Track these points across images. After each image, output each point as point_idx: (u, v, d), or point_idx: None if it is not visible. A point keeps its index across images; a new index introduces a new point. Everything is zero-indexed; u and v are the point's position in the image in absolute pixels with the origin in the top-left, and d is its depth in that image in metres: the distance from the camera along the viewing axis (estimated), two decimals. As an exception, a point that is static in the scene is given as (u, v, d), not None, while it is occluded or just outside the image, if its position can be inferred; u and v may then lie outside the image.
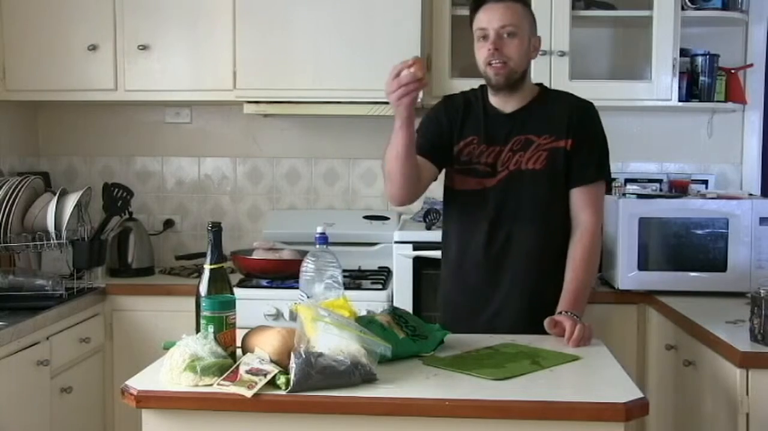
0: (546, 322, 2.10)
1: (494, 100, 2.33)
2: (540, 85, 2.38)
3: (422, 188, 2.31)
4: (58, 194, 3.01)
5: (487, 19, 2.23)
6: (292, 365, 1.64)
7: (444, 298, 2.42)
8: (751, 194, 3.17)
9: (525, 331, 2.15)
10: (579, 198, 2.27)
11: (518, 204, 2.26)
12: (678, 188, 3.25)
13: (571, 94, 2.39)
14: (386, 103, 3.12)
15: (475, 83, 2.42)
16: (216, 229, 1.85)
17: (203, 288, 1.81)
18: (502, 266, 2.28)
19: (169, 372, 1.70)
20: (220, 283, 1.82)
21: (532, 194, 2.26)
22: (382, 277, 3.23)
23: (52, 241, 2.94)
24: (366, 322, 1.86)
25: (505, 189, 2.27)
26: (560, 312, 2.14)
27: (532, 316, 2.19)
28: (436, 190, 2.50)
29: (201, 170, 3.75)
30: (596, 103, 3.34)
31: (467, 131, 2.32)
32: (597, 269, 2.29)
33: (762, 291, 2.13)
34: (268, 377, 1.65)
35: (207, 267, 1.83)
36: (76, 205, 2.99)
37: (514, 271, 2.27)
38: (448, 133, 2.34)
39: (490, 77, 2.26)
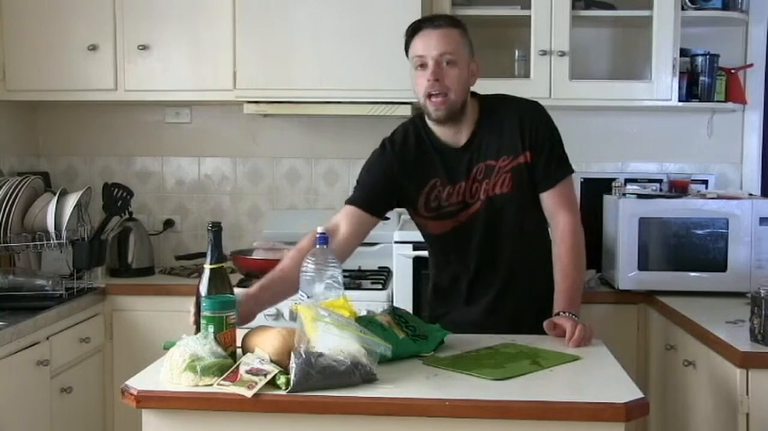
0: (545, 324, 2.10)
1: (440, 132, 2.24)
2: (476, 96, 2.27)
3: (354, 247, 2.26)
4: (58, 194, 3.01)
5: (424, 47, 2.14)
6: (292, 365, 1.64)
7: (433, 311, 2.44)
8: (751, 194, 3.17)
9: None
10: (551, 200, 2.25)
11: (497, 228, 2.25)
12: (678, 188, 3.24)
13: (513, 100, 2.29)
14: (386, 103, 3.17)
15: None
16: (216, 229, 1.85)
17: (203, 288, 1.81)
18: (491, 285, 2.30)
19: (169, 372, 1.70)
20: (220, 283, 1.81)
21: (507, 215, 2.25)
22: (382, 277, 3.23)
23: (52, 241, 2.94)
24: (366, 322, 1.87)
25: (482, 218, 2.25)
26: (557, 313, 2.14)
27: (523, 325, 2.21)
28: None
29: (201, 170, 3.75)
30: (596, 104, 3.35)
31: (427, 176, 2.25)
32: (585, 265, 2.27)
33: (762, 291, 2.13)
34: (268, 377, 1.65)
35: (207, 267, 1.82)
36: (76, 205, 2.99)
37: (502, 288, 2.29)
38: (401, 181, 2.26)
39: (430, 112, 2.18)
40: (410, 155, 2.27)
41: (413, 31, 2.19)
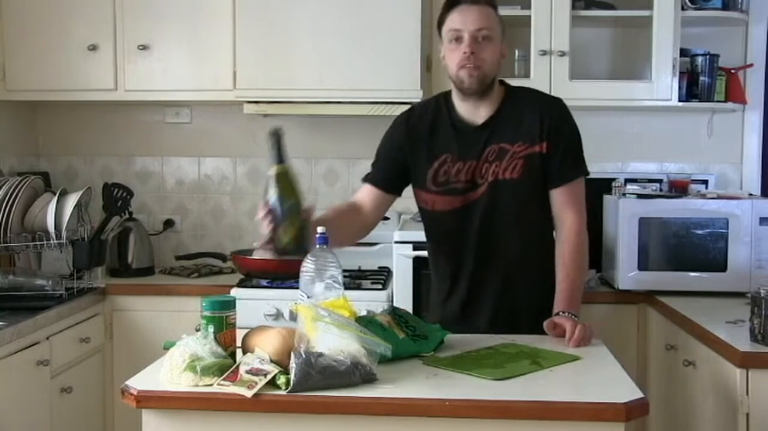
0: (545, 324, 2.10)
1: (462, 108, 2.26)
2: (503, 83, 2.30)
3: (377, 222, 2.35)
4: (58, 194, 3.01)
5: (462, 21, 2.16)
6: (292, 365, 1.64)
7: (435, 308, 2.42)
8: (751, 194, 3.17)
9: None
10: (560, 198, 2.25)
11: (501, 214, 2.24)
12: (678, 188, 3.24)
13: (539, 92, 2.34)
14: (386, 103, 3.17)
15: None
16: (276, 134, 1.81)
17: (271, 197, 1.70)
18: (491, 275, 2.27)
19: (169, 372, 1.70)
20: (286, 185, 1.73)
21: (514, 202, 2.23)
22: (382, 277, 3.23)
23: (52, 241, 2.94)
24: (366, 322, 1.86)
25: (488, 201, 2.23)
26: (557, 313, 2.14)
27: (520, 320, 2.22)
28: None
29: (201, 170, 3.75)
30: (596, 104, 3.35)
31: (438, 150, 2.26)
32: (587, 266, 2.27)
33: (762, 291, 2.13)
34: (268, 377, 1.65)
35: (271, 172, 1.74)
36: (76, 205, 2.99)
37: (502, 278, 2.27)
38: (409, 157, 2.29)
39: (463, 80, 2.18)
40: (425, 128, 2.28)
41: (450, 5, 2.21)
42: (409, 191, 2.36)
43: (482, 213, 2.24)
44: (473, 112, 2.25)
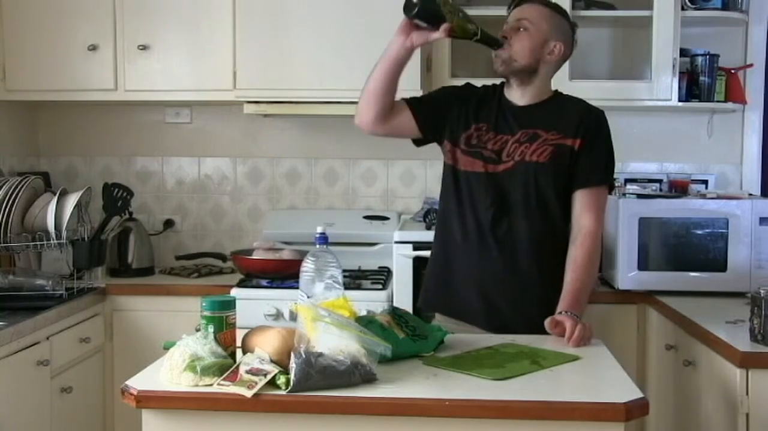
0: (546, 322, 2.11)
1: (509, 93, 2.37)
2: (556, 91, 2.41)
3: (389, 125, 2.38)
4: (58, 194, 3.01)
5: (512, 15, 2.33)
6: (292, 365, 1.64)
7: (432, 274, 2.44)
8: (751, 194, 3.18)
9: (510, 320, 2.23)
10: (582, 201, 2.27)
11: (520, 194, 2.27)
12: (678, 188, 3.25)
13: (585, 101, 2.40)
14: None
15: (475, 83, 2.43)
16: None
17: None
18: (500, 252, 2.28)
19: (169, 372, 1.70)
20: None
21: (535, 186, 2.27)
22: (382, 277, 3.23)
23: (52, 241, 2.94)
24: (366, 322, 1.86)
25: (509, 178, 2.28)
26: (560, 312, 2.14)
27: (521, 307, 2.26)
28: (435, 190, 2.50)
29: (201, 170, 3.75)
30: (596, 103, 3.35)
31: (480, 117, 2.35)
32: (597, 272, 2.30)
33: (762, 291, 2.13)
34: (268, 377, 1.65)
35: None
36: (76, 205, 2.99)
37: (511, 258, 2.28)
38: (453, 113, 2.37)
39: (494, 61, 2.32)
40: (476, 99, 2.39)
41: (515, 3, 2.36)
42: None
43: (498, 187, 2.28)
44: (518, 97, 2.35)
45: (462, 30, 2.17)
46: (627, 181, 3.44)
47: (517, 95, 2.35)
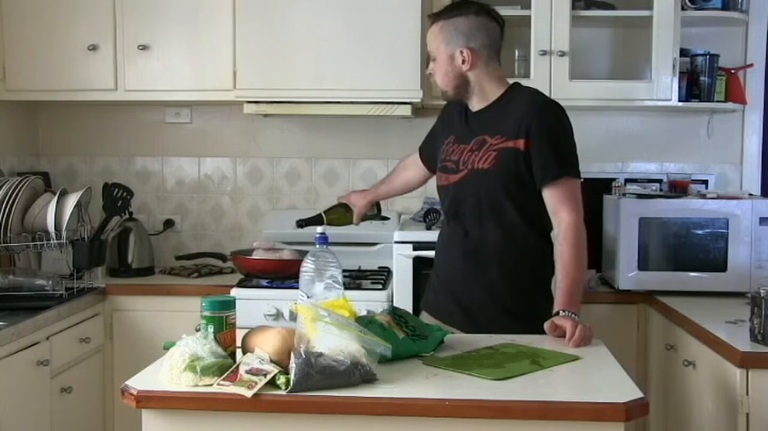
0: (546, 326, 2.10)
1: (469, 102, 2.42)
2: (514, 84, 2.40)
3: (421, 182, 2.79)
4: (58, 194, 3.01)
5: None
6: (292, 365, 1.64)
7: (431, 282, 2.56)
8: (751, 194, 3.17)
9: (480, 322, 2.28)
10: (551, 197, 2.26)
11: (473, 202, 2.32)
12: (678, 188, 3.25)
13: (537, 94, 2.36)
14: (386, 103, 3.17)
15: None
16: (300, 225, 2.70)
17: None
18: (463, 256, 2.36)
19: (169, 372, 1.70)
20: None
21: (486, 192, 2.29)
22: (382, 277, 3.23)
23: (52, 241, 2.94)
24: (366, 322, 1.87)
25: (462, 188, 2.35)
26: (557, 312, 2.14)
27: (488, 309, 2.30)
28: (434, 191, 2.51)
29: (201, 170, 3.75)
30: (596, 104, 3.34)
31: (450, 132, 2.46)
32: (586, 264, 2.27)
33: (762, 291, 2.13)
34: (268, 377, 1.65)
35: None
36: (76, 205, 2.99)
37: (473, 262, 2.34)
38: (440, 138, 2.51)
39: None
40: (452, 113, 2.49)
41: None
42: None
43: (454, 196, 2.38)
44: (474, 104, 2.41)
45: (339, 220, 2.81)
46: (627, 181, 3.43)
47: (473, 103, 2.40)
